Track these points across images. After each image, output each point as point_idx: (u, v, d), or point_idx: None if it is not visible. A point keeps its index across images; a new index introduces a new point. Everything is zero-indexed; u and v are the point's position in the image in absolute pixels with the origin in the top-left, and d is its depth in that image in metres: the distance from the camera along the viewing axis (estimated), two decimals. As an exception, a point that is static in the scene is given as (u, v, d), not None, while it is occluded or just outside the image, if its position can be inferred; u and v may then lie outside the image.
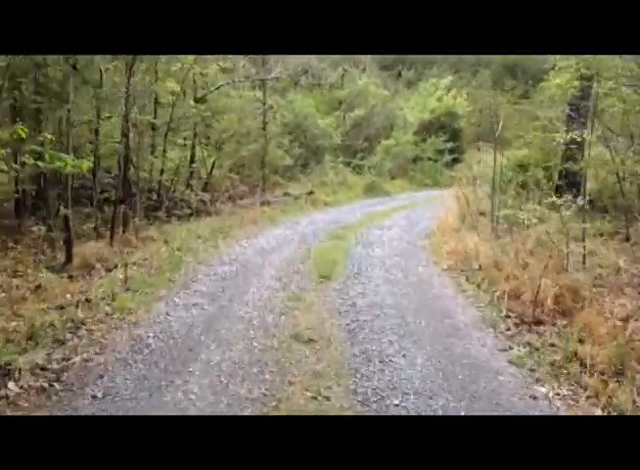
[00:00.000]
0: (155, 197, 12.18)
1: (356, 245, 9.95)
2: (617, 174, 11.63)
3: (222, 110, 15.44)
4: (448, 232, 11.18)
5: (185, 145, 13.93)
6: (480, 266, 7.95)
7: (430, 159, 23.08)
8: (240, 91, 16.76)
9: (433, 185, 22.24)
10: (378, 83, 25.29)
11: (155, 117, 12.31)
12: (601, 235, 11.29)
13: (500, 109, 32.51)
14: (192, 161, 14.13)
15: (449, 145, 23.88)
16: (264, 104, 16.64)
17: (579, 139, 8.93)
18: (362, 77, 25.05)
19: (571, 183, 14.57)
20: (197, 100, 14.22)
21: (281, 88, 21.96)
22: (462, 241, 9.89)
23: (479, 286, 7.20)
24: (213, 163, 14.81)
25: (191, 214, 12.18)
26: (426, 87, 26.09)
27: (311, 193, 16.61)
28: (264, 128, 16.61)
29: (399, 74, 31.47)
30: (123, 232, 9.70)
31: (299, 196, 16.06)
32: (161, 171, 12.10)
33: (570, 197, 13.24)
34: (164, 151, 12.18)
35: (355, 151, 22.65)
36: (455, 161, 24.51)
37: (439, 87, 25.88)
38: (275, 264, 8.29)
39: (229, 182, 14.92)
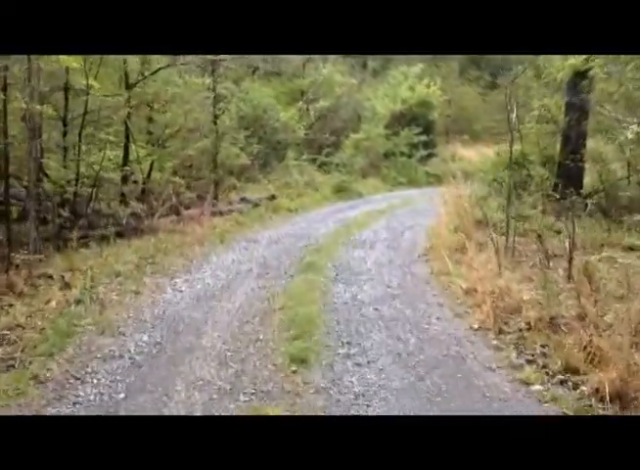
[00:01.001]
0: (67, 213, 9.05)
1: (336, 280, 7.08)
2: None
3: (163, 99, 12.40)
4: (451, 253, 8.44)
5: (112, 143, 10.83)
6: (530, 324, 5.19)
7: (403, 154, 20.28)
8: (186, 78, 13.61)
9: (408, 184, 19.51)
10: (343, 71, 22.38)
11: (66, 109, 9.24)
12: (631, 249, 8.79)
13: (466, 100, 30.10)
14: (125, 162, 11.05)
15: (423, 138, 21.18)
16: (214, 90, 13.54)
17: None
18: (326, 65, 22.09)
19: (571, 180, 12.12)
20: (129, 86, 11.16)
21: (235, 77, 18.90)
22: (477, 270, 7.15)
23: (545, 369, 4.40)
24: (152, 164, 11.75)
25: (118, 234, 9.16)
26: (395, 76, 23.26)
27: (273, 198, 13.67)
28: (215, 122, 13.54)
29: (364, 63, 28.59)
30: (7, 271, 6.64)
31: (259, 202, 13.10)
32: (77, 178, 9.01)
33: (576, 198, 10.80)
34: (79, 151, 9.09)
35: (321, 146, 19.75)
36: (430, 156, 21.90)
37: (409, 76, 23.09)
38: (222, 324, 5.38)
39: (172, 188, 11.83)
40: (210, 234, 9.88)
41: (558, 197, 10.53)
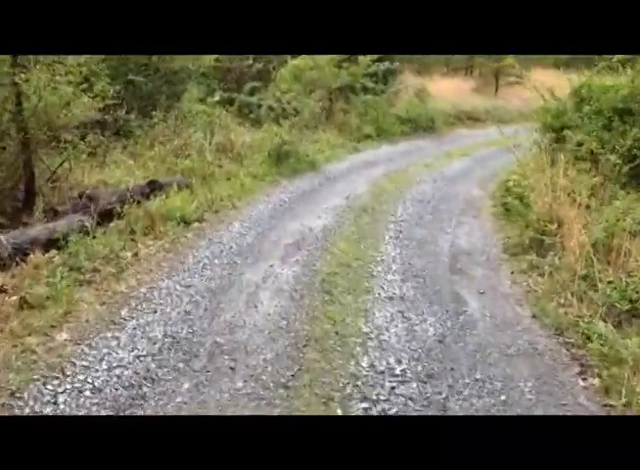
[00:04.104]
0: None
1: None
2: None
3: None
4: None
5: None
6: None
7: (366, 89, 13.01)
8: None
9: (378, 136, 12.39)
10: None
11: None
12: None
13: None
14: None
15: (385, 66, 13.97)
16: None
17: None
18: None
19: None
20: None
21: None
22: None
23: None
24: None
25: None
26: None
27: (148, 193, 6.32)
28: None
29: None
30: None
31: (118, 207, 5.74)
32: None
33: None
34: None
35: (241, 79, 12.27)
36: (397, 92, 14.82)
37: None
38: None
39: None
40: None
41: None
